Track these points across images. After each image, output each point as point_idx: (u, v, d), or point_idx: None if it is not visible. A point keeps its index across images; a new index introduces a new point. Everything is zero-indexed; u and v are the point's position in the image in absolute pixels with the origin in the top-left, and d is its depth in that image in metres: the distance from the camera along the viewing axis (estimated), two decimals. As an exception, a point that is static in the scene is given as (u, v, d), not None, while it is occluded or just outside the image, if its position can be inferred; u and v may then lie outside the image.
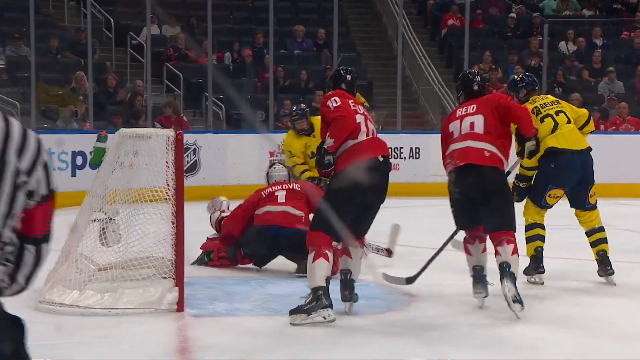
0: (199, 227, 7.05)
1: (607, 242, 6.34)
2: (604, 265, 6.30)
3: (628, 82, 15.03)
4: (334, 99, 5.35)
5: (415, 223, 7.18)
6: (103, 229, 5.90)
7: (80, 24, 14.51)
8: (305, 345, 4.84)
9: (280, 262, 6.81)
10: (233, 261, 6.89)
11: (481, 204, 5.45)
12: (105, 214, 5.92)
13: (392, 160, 5.96)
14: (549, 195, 6.30)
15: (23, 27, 12.34)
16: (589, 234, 6.40)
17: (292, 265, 6.68)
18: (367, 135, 5.36)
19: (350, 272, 5.38)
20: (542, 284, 6.32)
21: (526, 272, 6.30)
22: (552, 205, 6.38)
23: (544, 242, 6.35)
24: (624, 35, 16.56)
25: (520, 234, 5.77)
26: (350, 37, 16.53)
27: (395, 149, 11.90)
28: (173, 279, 5.46)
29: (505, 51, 15.81)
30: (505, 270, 5.29)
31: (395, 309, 5.68)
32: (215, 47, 14.00)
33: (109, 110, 12.72)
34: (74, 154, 10.76)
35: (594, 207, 6.38)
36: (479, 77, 5.90)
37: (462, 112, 5.65)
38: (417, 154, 12.10)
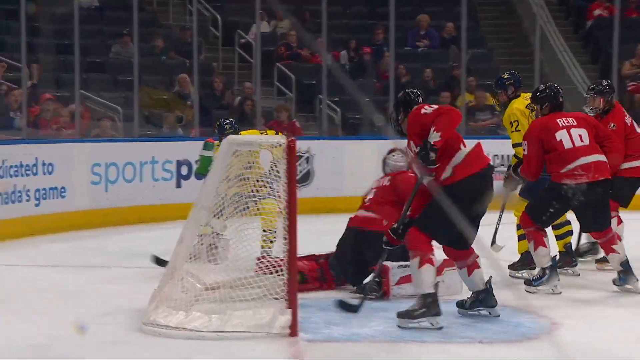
0: (313, 243, 7.11)
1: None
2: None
3: None
4: (426, 107, 5.77)
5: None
6: (210, 245, 6.05)
7: (186, 22, 14.88)
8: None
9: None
10: (322, 281, 6.92)
11: (594, 210, 6.60)
12: (213, 228, 6.05)
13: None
14: None
15: (126, 26, 12.73)
16: (556, 227, 7.37)
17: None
18: (465, 145, 5.76)
19: (489, 280, 5.89)
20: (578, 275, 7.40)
21: (511, 267, 7.44)
22: None
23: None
24: None
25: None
26: (480, 31, 16.35)
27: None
28: (285, 300, 5.51)
29: (662, 44, 15.24)
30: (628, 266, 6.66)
31: (538, 334, 5.56)
32: (330, 45, 14.10)
33: (215, 115, 12.96)
34: (179, 163, 11.03)
35: None
36: (561, 89, 6.91)
37: (563, 122, 6.61)
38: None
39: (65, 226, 9.89)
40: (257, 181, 5.91)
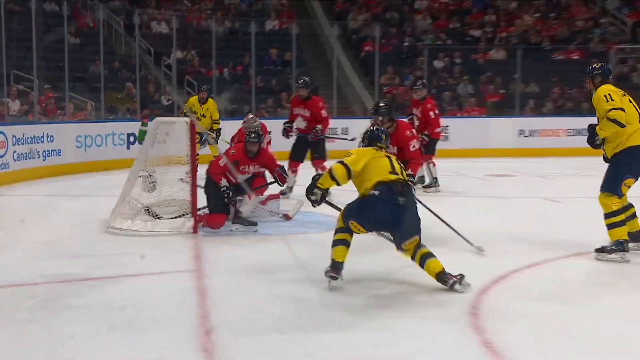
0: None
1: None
2: None
3: None
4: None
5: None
6: (146, 182, 5.96)
7: (131, 53, 13.94)
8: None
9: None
10: None
11: None
12: (147, 172, 5.97)
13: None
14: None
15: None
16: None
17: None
18: None
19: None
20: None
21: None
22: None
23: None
24: None
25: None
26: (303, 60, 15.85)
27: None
28: (190, 213, 5.53)
29: None
30: None
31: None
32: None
33: (151, 108, 12.41)
34: (129, 135, 10.63)
35: None
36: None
37: None
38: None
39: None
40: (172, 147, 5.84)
